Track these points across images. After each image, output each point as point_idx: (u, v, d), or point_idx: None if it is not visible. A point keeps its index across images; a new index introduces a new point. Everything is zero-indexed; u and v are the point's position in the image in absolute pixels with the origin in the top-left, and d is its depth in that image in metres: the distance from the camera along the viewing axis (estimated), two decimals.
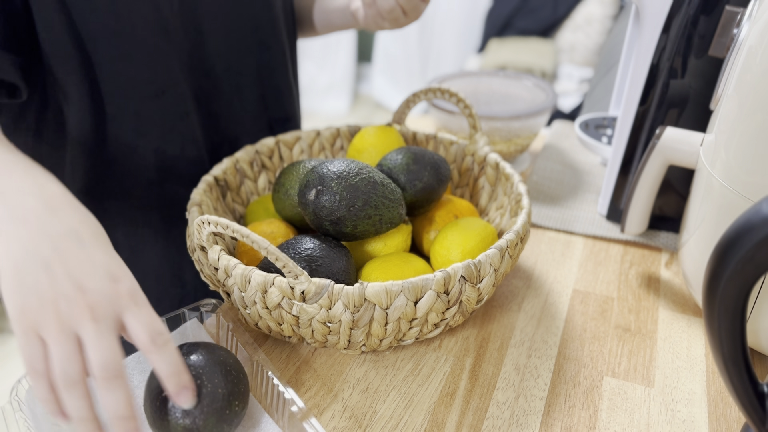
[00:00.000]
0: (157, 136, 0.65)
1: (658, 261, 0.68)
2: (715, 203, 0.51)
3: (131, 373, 0.49)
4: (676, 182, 0.68)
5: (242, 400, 0.43)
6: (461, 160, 0.71)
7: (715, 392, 0.51)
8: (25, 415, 0.42)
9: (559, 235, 0.73)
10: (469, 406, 0.49)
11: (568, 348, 0.55)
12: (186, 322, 0.53)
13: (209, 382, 0.41)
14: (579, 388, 0.51)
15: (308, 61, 3.32)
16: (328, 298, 0.46)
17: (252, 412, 0.46)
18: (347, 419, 0.48)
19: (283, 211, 0.62)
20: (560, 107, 2.17)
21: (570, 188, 0.82)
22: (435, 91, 0.70)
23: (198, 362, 0.42)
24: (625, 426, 0.48)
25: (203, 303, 0.54)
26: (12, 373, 1.57)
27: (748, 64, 0.46)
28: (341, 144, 0.76)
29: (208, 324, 0.54)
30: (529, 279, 0.65)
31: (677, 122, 0.64)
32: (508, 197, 0.63)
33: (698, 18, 0.59)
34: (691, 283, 0.57)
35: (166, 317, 0.51)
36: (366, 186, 0.53)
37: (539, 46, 2.53)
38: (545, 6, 2.59)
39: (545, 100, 0.86)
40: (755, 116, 0.45)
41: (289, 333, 0.52)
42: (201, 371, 0.41)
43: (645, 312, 0.60)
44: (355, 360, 0.54)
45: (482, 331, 0.57)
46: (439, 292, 0.48)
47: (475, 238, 0.56)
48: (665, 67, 0.62)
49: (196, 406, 0.40)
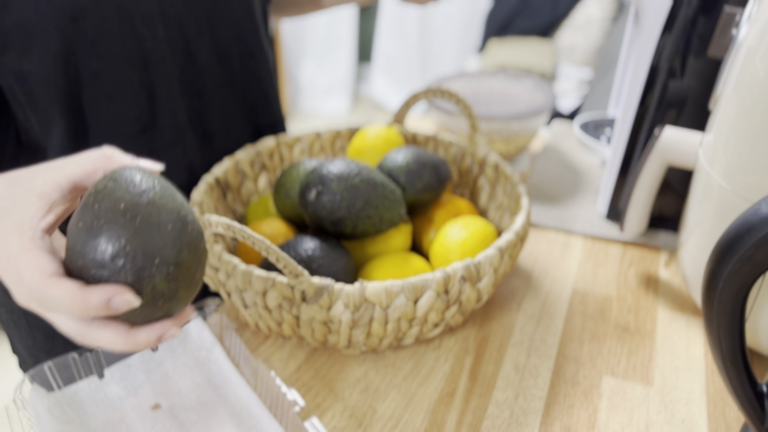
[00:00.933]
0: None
1: (658, 261, 0.68)
2: (714, 203, 0.51)
3: (135, 372, 0.49)
4: (675, 182, 0.68)
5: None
6: (461, 160, 0.71)
7: (714, 392, 0.51)
8: (29, 414, 0.43)
9: (559, 234, 0.73)
10: (469, 405, 0.50)
11: (567, 347, 0.56)
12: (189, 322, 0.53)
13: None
14: (578, 387, 0.51)
15: (308, 61, 3.32)
16: (328, 298, 0.46)
17: (253, 411, 0.47)
18: (347, 419, 0.48)
19: (284, 211, 0.62)
20: (560, 107, 2.17)
21: (569, 188, 0.82)
22: (435, 92, 0.70)
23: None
24: (624, 425, 0.48)
25: (206, 303, 0.54)
26: (12, 373, 1.57)
27: (747, 64, 0.47)
28: (341, 144, 0.76)
29: (211, 324, 0.54)
30: (529, 279, 0.65)
31: (676, 122, 0.64)
32: (507, 197, 0.64)
33: (697, 18, 0.59)
34: (690, 282, 0.57)
35: None
36: (366, 186, 0.53)
37: (539, 46, 2.53)
38: (545, 6, 2.59)
39: (544, 101, 0.86)
40: (754, 116, 0.45)
41: (289, 333, 0.52)
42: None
43: (644, 312, 0.60)
44: (355, 360, 0.54)
45: (482, 330, 0.58)
46: (439, 292, 0.48)
47: (475, 237, 0.56)
48: (664, 68, 0.62)
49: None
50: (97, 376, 0.48)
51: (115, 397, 0.48)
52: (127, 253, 0.33)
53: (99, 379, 0.48)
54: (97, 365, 0.49)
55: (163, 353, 0.51)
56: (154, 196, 0.34)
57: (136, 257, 0.33)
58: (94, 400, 0.47)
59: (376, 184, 0.54)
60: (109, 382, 0.49)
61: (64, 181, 0.37)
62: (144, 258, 0.33)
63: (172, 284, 0.34)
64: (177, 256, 0.34)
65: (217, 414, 0.47)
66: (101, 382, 0.48)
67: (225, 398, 0.48)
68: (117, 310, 0.33)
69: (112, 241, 0.33)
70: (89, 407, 0.47)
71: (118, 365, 0.50)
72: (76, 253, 0.34)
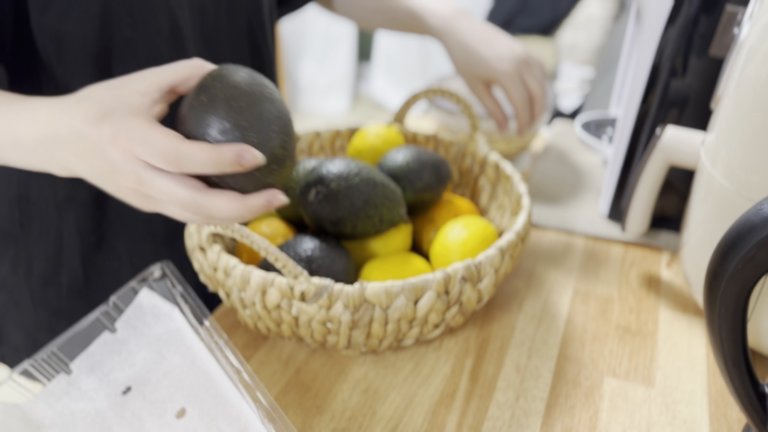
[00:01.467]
0: None
1: (659, 261, 0.68)
2: (716, 203, 0.50)
3: (102, 359, 0.48)
4: (677, 182, 0.68)
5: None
6: (461, 160, 0.71)
7: (716, 393, 0.51)
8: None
9: (560, 235, 0.73)
10: (470, 406, 0.49)
11: (568, 348, 0.55)
12: (138, 294, 0.51)
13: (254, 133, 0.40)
14: (579, 388, 0.51)
15: (308, 61, 3.32)
16: (328, 298, 0.46)
17: (214, 376, 0.45)
18: (347, 420, 0.48)
19: (283, 211, 0.62)
20: (561, 107, 2.17)
21: (570, 188, 0.82)
22: (435, 91, 0.69)
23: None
24: (625, 427, 0.48)
25: (150, 272, 0.52)
26: None
27: (748, 63, 0.46)
28: (341, 144, 0.76)
29: (159, 290, 0.52)
30: (530, 279, 0.65)
31: (678, 122, 0.64)
32: (508, 197, 0.63)
33: (699, 18, 0.58)
34: (692, 283, 0.57)
35: (118, 296, 0.49)
36: (366, 186, 0.53)
37: (540, 45, 2.53)
38: (545, 5, 2.59)
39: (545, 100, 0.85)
40: (756, 116, 0.45)
41: (289, 333, 0.51)
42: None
43: (646, 312, 0.60)
44: (355, 361, 0.54)
45: (482, 331, 0.57)
46: (440, 293, 0.48)
47: (476, 238, 0.56)
48: (666, 67, 0.62)
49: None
50: (65, 373, 0.47)
51: (88, 390, 0.46)
52: (249, 120, 0.38)
53: (67, 375, 0.47)
54: (61, 362, 0.47)
55: (125, 332, 0.50)
56: (262, 81, 0.41)
57: (258, 123, 0.39)
58: (70, 398, 0.46)
59: (376, 184, 0.54)
60: (78, 375, 0.47)
61: (163, 83, 0.41)
62: (265, 125, 0.39)
63: (284, 152, 0.40)
64: (287, 128, 0.41)
65: (185, 386, 0.45)
66: (71, 377, 0.47)
67: (192, 364, 0.46)
68: (246, 164, 0.37)
69: (234, 110, 0.38)
70: (64, 407, 0.46)
71: (82, 356, 0.48)
72: (196, 124, 0.39)
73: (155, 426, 0.44)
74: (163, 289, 0.51)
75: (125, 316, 0.49)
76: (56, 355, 0.47)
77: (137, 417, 0.45)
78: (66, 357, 0.48)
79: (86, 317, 0.48)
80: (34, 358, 0.46)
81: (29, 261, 0.66)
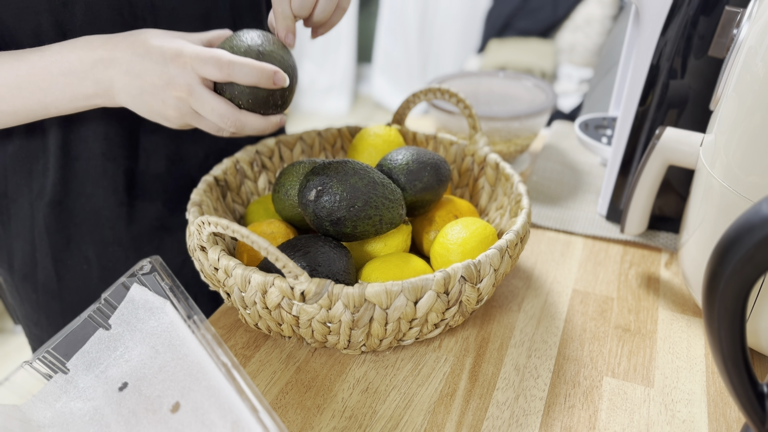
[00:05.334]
0: (125, 155, 0.64)
1: (658, 261, 0.68)
2: (715, 203, 0.51)
3: (97, 356, 0.48)
4: (675, 182, 0.68)
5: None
6: (461, 160, 0.71)
7: (714, 392, 0.51)
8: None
9: (559, 235, 0.73)
10: (469, 406, 0.49)
11: (567, 348, 0.55)
12: (129, 290, 0.52)
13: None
14: (579, 388, 0.51)
15: (308, 61, 3.32)
16: (328, 298, 0.46)
17: (207, 368, 0.45)
18: (347, 419, 0.48)
19: (283, 211, 0.62)
20: (560, 107, 2.17)
21: (570, 188, 0.82)
22: (435, 92, 0.70)
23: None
24: (624, 426, 0.48)
25: (140, 266, 0.52)
26: None
27: (747, 64, 0.46)
28: (341, 144, 0.76)
29: (150, 284, 0.52)
30: (529, 279, 0.65)
31: (677, 122, 0.64)
32: (508, 197, 0.64)
33: (698, 18, 0.59)
34: (690, 283, 0.57)
35: (109, 293, 0.49)
36: (366, 186, 0.53)
37: (539, 46, 2.53)
38: (545, 6, 2.59)
39: (545, 101, 0.86)
40: (755, 116, 0.45)
41: (289, 333, 0.52)
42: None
43: (645, 312, 0.60)
44: (355, 360, 0.54)
45: (482, 331, 0.57)
46: (439, 293, 0.48)
47: (475, 238, 0.56)
48: (665, 68, 0.62)
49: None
50: (62, 372, 0.47)
51: (86, 388, 0.47)
52: (275, 59, 0.52)
53: (65, 374, 0.47)
54: (57, 362, 0.47)
55: (119, 327, 0.50)
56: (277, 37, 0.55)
57: (282, 63, 0.52)
58: (68, 397, 0.46)
59: (376, 184, 0.54)
60: (76, 374, 0.48)
61: (204, 37, 0.53)
62: (286, 64, 0.53)
63: (294, 85, 0.54)
64: (295, 69, 0.55)
65: (179, 379, 0.45)
66: (68, 376, 0.47)
67: (186, 357, 0.46)
68: (279, 82, 0.50)
69: (265, 42, 0.52)
70: (63, 407, 0.46)
71: (78, 355, 0.48)
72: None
73: (151, 421, 0.44)
74: (153, 283, 0.52)
75: (118, 312, 0.49)
76: (52, 355, 0.47)
77: (133, 413, 0.45)
78: (62, 356, 0.48)
79: (80, 315, 0.48)
80: (31, 359, 0.47)
81: (11, 256, 0.67)
